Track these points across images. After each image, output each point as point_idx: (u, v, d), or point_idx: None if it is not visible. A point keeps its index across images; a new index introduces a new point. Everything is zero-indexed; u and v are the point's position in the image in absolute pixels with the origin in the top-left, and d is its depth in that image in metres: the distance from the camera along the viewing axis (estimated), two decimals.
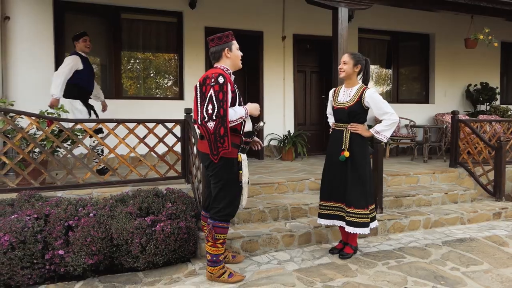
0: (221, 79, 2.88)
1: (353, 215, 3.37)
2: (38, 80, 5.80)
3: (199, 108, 2.92)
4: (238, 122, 2.97)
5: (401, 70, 8.54)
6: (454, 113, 5.87)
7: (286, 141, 6.90)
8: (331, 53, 5.21)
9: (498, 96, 8.56)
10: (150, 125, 4.49)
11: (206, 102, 2.87)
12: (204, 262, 3.44)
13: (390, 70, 8.45)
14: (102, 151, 5.07)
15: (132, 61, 6.74)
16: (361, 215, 3.36)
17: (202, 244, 3.57)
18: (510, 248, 3.94)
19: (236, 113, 2.93)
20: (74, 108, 5.00)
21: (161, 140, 4.54)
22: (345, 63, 3.48)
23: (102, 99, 5.67)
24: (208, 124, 2.84)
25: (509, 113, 8.27)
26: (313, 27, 7.18)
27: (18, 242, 3.10)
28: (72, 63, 4.93)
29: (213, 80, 2.88)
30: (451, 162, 5.95)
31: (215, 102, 2.83)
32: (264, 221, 4.16)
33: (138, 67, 6.78)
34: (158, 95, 6.89)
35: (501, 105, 8.55)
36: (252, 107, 3.06)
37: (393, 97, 8.40)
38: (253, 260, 3.58)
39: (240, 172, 3.04)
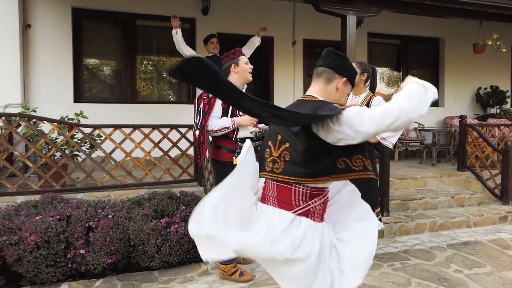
0: (211, 94, 3.18)
1: None
2: (57, 86, 6.06)
3: (195, 119, 3.33)
4: (223, 132, 3.21)
5: (411, 73, 8.58)
6: (461, 118, 5.96)
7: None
8: None
9: (508, 100, 8.57)
10: (164, 130, 4.68)
11: (197, 114, 3.27)
12: (215, 262, 3.61)
13: (400, 73, 8.53)
14: None
15: (146, 66, 6.96)
16: None
17: None
18: None
19: (218, 124, 3.19)
20: None
21: (174, 144, 4.73)
22: None
23: None
24: (196, 132, 3.26)
25: None
26: (323, 32, 7.31)
27: (43, 241, 3.30)
28: None
29: (205, 94, 3.26)
30: (459, 166, 6.03)
31: (201, 114, 3.22)
32: None
33: (152, 72, 6.99)
34: (170, 99, 7.09)
35: (511, 109, 8.56)
36: (241, 119, 3.26)
37: None
38: None
39: None
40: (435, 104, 8.64)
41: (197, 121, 3.24)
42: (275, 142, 1.88)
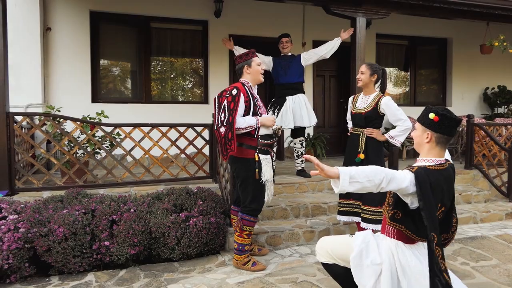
0: (234, 91, 3.34)
1: (368, 212, 3.67)
2: (76, 87, 6.29)
3: (216, 116, 3.41)
4: (248, 130, 3.36)
5: (419, 73, 8.73)
6: (469, 117, 6.08)
7: (305, 143, 7.21)
8: (349, 58, 5.51)
9: None
10: (181, 129, 4.88)
11: (221, 111, 3.35)
12: (232, 254, 3.80)
13: (408, 73, 8.65)
14: None
15: (160, 67, 7.16)
16: (375, 212, 3.64)
17: (231, 238, 3.92)
18: None
19: (245, 122, 3.34)
20: None
21: (191, 142, 4.92)
22: (362, 73, 3.78)
23: None
24: (221, 129, 3.32)
25: None
26: (332, 33, 7.39)
27: (71, 233, 3.51)
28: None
29: (228, 92, 3.36)
30: (466, 164, 6.16)
31: (226, 111, 3.30)
32: (286, 218, 4.49)
33: (166, 73, 7.20)
34: (184, 100, 7.29)
35: None
36: (266, 119, 3.43)
37: (410, 100, 8.60)
38: (277, 253, 3.92)
39: (257, 170, 3.40)
40: (442, 103, 8.76)
41: (222, 118, 3.31)
42: None
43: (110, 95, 6.85)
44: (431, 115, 2.26)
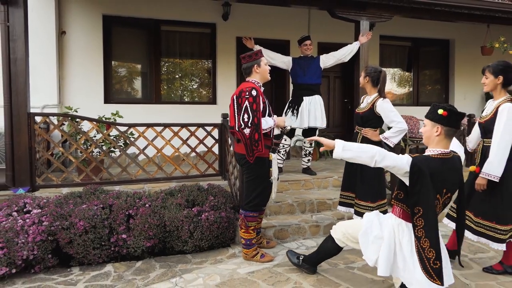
0: (254, 92, 3.46)
1: (359, 206, 3.88)
2: (89, 88, 6.53)
3: (236, 117, 3.50)
4: (267, 130, 3.58)
5: (422, 74, 8.91)
6: (469, 116, 6.26)
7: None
8: (353, 60, 5.71)
9: None
10: (192, 128, 5.10)
11: (242, 112, 3.44)
12: (239, 247, 4.01)
13: (411, 74, 8.83)
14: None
15: (170, 69, 7.39)
16: (365, 206, 3.83)
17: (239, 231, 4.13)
18: None
19: (267, 123, 3.56)
20: None
21: (201, 141, 5.14)
22: (360, 76, 4.09)
23: None
24: (245, 130, 3.43)
25: None
26: (336, 35, 7.64)
27: (90, 227, 3.73)
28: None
29: (247, 93, 3.46)
30: (467, 162, 6.32)
31: (250, 112, 3.41)
32: (293, 214, 4.70)
33: (175, 74, 7.43)
34: (193, 100, 7.52)
35: None
36: (280, 120, 3.66)
37: (413, 100, 8.78)
38: (284, 246, 4.13)
39: (271, 169, 3.60)
40: (445, 103, 8.91)
41: (245, 119, 3.40)
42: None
43: (122, 96, 7.09)
44: (440, 111, 2.57)
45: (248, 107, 3.41)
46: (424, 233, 2.48)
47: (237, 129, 3.49)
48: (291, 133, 5.67)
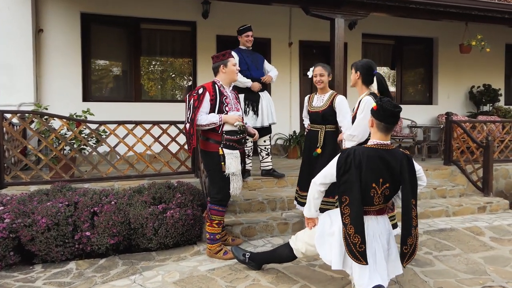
0: (200, 91, 3.61)
1: (326, 203, 3.71)
2: (67, 86, 6.51)
3: (185, 114, 3.68)
4: (211, 126, 3.58)
5: (405, 72, 8.90)
6: (447, 114, 6.26)
7: (291, 140, 7.41)
8: (327, 59, 5.70)
9: (501, 97, 8.81)
10: (164, 126, 5.08)
11: (187, 108, 3.63)
12: (204, 245, 4.00)
13: (394, 72, 8.82)
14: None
15: (150, 67, 7.38)
16: (331, 203, 3.75)
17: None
18: (485, 237, 4.35)
19: (207, 119, 3.57)
20: None
21: (173, 139, 5.12)
22: (322, 75, 4.02)
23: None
24: (186, 125, 3.61)
25: (511, 113, 8.52)
26: (317, 33, 7.64)
27: (53, 224, 3.72)
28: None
29: (195, 91, 3.63)
30: (445, 160, 6.33)
31: (191, 109, 3.57)
32: (263, 211, 4.69)
33: (155, 72, 7.41)
34: (173, 98, 7.50)
35: (503, 106, 8.81)
36: (228, 117, 3.59)
37: (397, 98, 8.77)
38: (250, 244, 4.12)
39: (222, 163, 3.59)
40: (428, 102, 8.93)
41: (187, 115, 3.60)
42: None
43: (101, 95, 7.07)
44: (373, 104, 2.70)
45: (191, 104, 3.57)
46: (350, 221, 2.56)
47: (184, 125, 3.68)
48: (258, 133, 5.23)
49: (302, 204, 4.03)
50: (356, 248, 2.53)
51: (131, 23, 7.00)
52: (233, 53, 4.99)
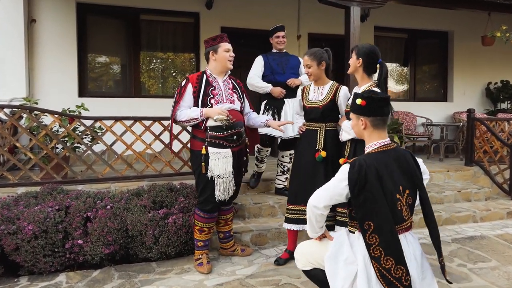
0: (183, 83, 3.25)
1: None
2: (62, 80, 6.09)
3: None
4: (192, 122, 3.18)
5: (419, 68, 8.48)
6: (469, 111, 5.84)
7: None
8: (344, 50, 5.26)
9: None
10: (165, 123, 4.66)
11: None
12: (214, 254, 3.59)
13: (407, 68, 8.40)
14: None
15: (150, 61, 6.96)
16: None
17: (213, 237, 3.70)
18: None
19: (186, 114, 3.17)
20: None
21: (175, 137, 4.70)
22: (309, 67, 3.29)
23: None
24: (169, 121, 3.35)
25: None
26: (327, 26, 7.22)
27: (41, 231, 3.30)
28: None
29: (180, 85, 3.27)
30: (466, 161, 5.90)
31: (173, 103, 3.23)
32: (274, 216, 4.27)
33: (156, 66, 7.00)
34: (173, 93, 7.08)
35: None
36: (210, 111, 3.11)
37: (410, 95, 8.36)
38: (261, 253, 3.70)
39: (203, 164, 3.15)
40: (443, 99, 8.51)
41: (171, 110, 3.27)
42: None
43: (98, 89, 6.66)
44: (358, 101, 2.17)
45: (174, 98, 3.28)
46: (383, 251, 1.99)
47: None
48: (270, 142, 4.56)
49: (296, 222, 3.30)
50: (402, 283, 1.97)
51: (130, 14, 6.58)
52: (259, 57, 4.65)
